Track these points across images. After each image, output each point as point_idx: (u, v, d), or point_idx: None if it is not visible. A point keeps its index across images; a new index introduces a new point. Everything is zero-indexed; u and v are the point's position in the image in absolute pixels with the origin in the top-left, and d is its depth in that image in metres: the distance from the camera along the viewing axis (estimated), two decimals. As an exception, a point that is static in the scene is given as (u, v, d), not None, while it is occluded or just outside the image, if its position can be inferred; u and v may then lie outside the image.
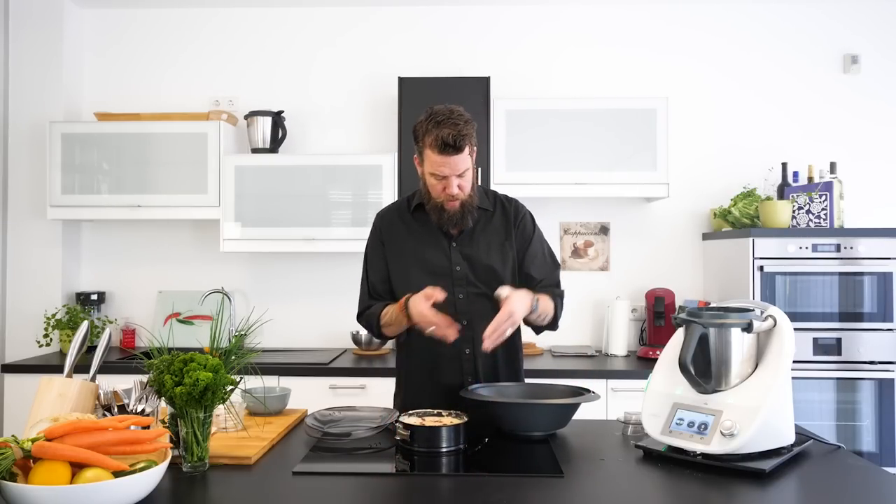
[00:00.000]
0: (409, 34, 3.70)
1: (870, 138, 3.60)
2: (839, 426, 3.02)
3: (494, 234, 2.07)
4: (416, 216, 2.09)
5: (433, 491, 1.44)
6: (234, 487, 1.43)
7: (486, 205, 2.09)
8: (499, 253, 2.05)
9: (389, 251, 2.09)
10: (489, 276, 2.02)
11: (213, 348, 1.60)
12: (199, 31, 3.74)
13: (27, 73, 3.55)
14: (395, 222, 2.11)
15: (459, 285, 2.02)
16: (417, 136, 1.97)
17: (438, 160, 1.92)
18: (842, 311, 3.02)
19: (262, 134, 3.48)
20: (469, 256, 2.04)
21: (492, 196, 2.13)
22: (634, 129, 3.29)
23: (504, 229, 2.08)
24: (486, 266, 2.03)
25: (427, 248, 2.05)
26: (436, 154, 1.91)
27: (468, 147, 1.93)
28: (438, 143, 1.89)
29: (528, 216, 2.13)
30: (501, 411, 1.81)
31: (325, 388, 3.02)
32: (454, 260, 2.03)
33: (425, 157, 1.96)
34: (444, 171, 1.93)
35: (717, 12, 3.65)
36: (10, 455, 1.20)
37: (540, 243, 2.12)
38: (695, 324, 1.61)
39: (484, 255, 2.04)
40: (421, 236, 2.07)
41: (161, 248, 3.71)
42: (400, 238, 2.09)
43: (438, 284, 1.92)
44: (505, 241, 2.07)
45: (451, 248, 2.05)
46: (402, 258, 2.07)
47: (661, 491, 1.47)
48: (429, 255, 2.05)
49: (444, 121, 1.90)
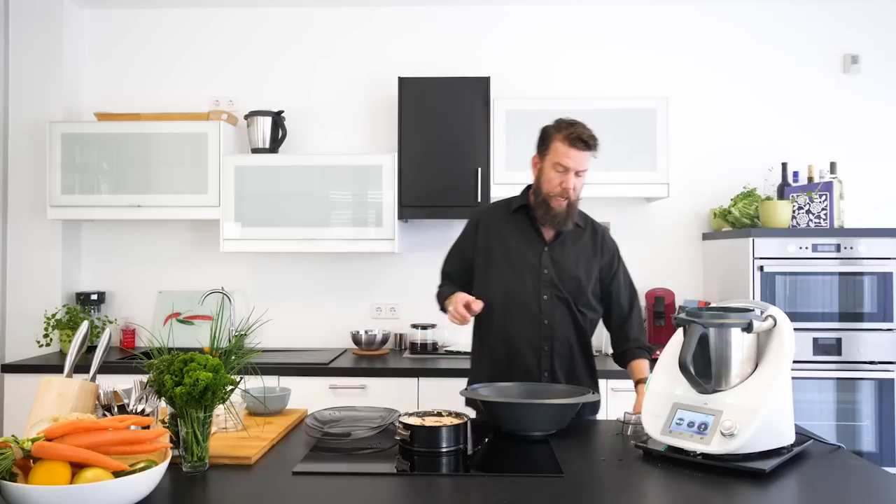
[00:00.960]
0: (409, 34, 3.70)
1: (870, 138, 3.60)
2: (839, 426, 3.02)
3: (583, 250, 2.22)
4: (516, 216, 2.24)
5: (433, 491, 1.44)
6: (234, 487, 1.44)
7: (580, 222, 2.24)
8: (585, 267, 2.20)
9: (484, 242, 2.24)
10: (573, 284, 2.17)
11: (213, 348, 1.60)
12: (199, 31, 3.74)
13: (27, 73, 3.55)
14: (495, 217, 2.27)
15: (545, 287, 2.16)
16: (547, 135, 2.15)
17: (567, 151, 2.08)
18: (842, 311, 3.02)
19: (262, 134, 3.48)
20: (558, 263, 2.18)
21: (583, 217, 2.28)
22: (634, 129, 3.29)
23: (592, 248, 2.23)
24: (572, 275, 2.17)
25: (521, 245, 2.20)
26: (566, 146, 2.09)
27: (594, 151, 2.11)
28: (572, 137, 2.08)
29: (615, 247, 2.30)
30: (501, 411, 1.82)
31: (325, 388, 3.02)
32: (544, 262, 2.17)
33: (552, 150, 2.12)
34: (569, 162, 2.09)
35: (717, 12, 3.65)
36: (10, 455, 1.20)
37: (624, 275, 2.29)
38: (695, 324, 1.61)
39: (572, 265, 2.18)
40: (517, 235, 2.22)
41: (161, 248, 3.71)
42: (497, 231, 2.24)
43: (525, 282, 2.14)
44: (592, 259, 2.22)
45: (543, 251, 2.19)
46: (495, 250, 2.22)
47: (661, 491, 1.47)
48: (522, 252, 2.19)
49: (579, 124, 2.12)
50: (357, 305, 3.66)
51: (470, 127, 3.30)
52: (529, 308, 2.14)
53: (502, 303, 2.17)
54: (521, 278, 2.16)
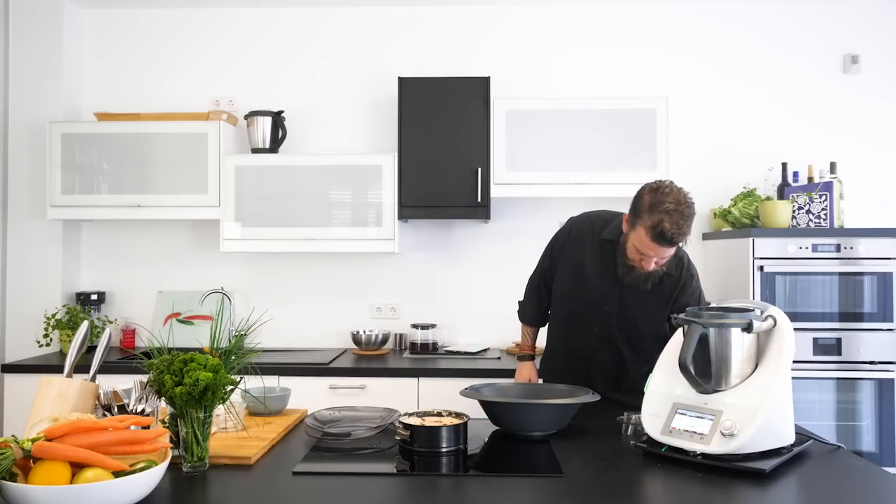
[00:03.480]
0: (409, 34, 3.70)
1: (870, 138, 3.60)
2: (839, 426, 3.02)
3: (660, 297, 2.13)
4: (603, 244, 2.18)
5: (433, 491, 1.44)
6: (234, 487, 1.43)
7: (672, 271, 2.12)
8: (652, 314, 2.14)
9: (564, 256, 2.26)
10: (631, 330, 2.16)
11: (213, 348, 1.60)
12: (199, 31, 3.74)
13: (27, 73, 3.55)
14: (583, 235, 2.23)
15: (599, 322, 2.17)
16: (639, 209, 1.95)
17: (649, 244, 1.94)
18: (842, 311, 3.02)
19: (262, 134, 3.48)
20: (625, 303, 2.14)
21: (679, 264, 2.14)
22: (634, 130, 3.29)
23: (671, 292, 2.14)
24: (631, 319, 2.15)
25: (594, 276, 2.17)
26: (648, 239, 1.93)
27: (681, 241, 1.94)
28: (656, 232, 1.90)
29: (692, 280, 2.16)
30: (501, 411, 1.82)
31: (325, 388, 3.02)
32: (610, 297, 2.15)
33: (637, 230, 1.96)
34: (650, 254, 1.97)
35: (717, 13, 3.65)
36: (10, 455, 1.20)
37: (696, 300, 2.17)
38: (695, 324, 1.61)
39: (638, 310, 2.14)
40: (597, 263, 2.17)
41: (161, 248, 3.71)
42: (578, 252, 2.22)
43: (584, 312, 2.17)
44: (665, 306, 2.13)
45: (612, 289, 2.14)
46: (571, 270, 2.22)
47: (661, 491, 1.47)
48: (592, 283, 2.17)
49: (673, 211, 1.88)
50: (357, 305, 3.66)
51: (470, 127, 3.30)
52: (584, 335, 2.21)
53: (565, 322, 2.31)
54: (579, 307, 2.21)
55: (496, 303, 3.58)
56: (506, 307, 3.44)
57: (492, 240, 3.65)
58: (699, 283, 2.21)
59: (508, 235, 3.62)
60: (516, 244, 3.60)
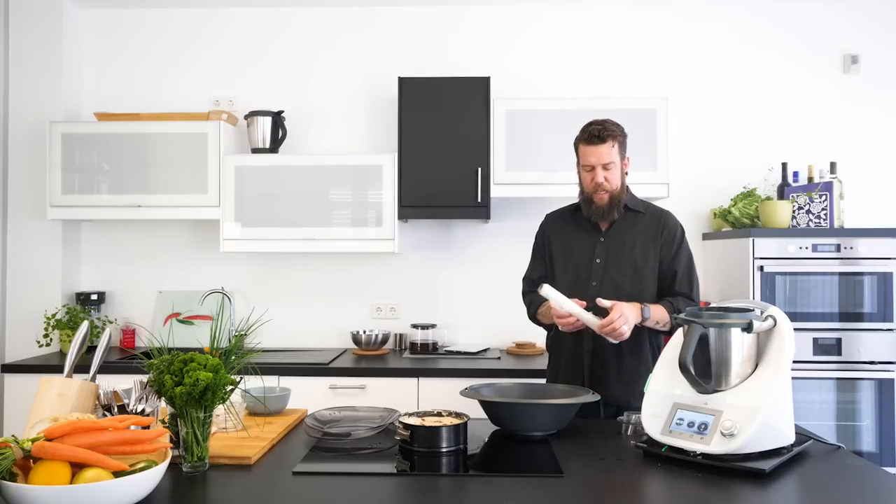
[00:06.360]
0: (408, 34, 3.70)
1: (870, 138, 3.60)
2: (839, 426, 3.02)
3: (641, 234, 2.26)
4: (576, 216, 2.36)
5: (433, 491, 1.44)
6: (234, 487, 1.43)
7: (639, 207, 2.31)
8: (642, 251, 2.24)
9: (548, 244, 2.38)
10: (630, 269, 2.23)
11: (213, 348, 1.60)
12: (199, 31, 3.74)
13: (27, 73, 3.55)
14: (558, 220, 2.42)
15: (596, 275, 2.24)
16: (575, 142, 2.28)
17: (585, 150, 2.22)
18: (842, 311, 3.02)
19: (262, 134, 3.48)
20: (613, 250, 2.25)
21: (644, 204, 2.35)
22: (634, 129, 3.24)
23: (651, 233, 2.26)
24: (628, 259, 2.23)
25: (577, 241, 2.32)
26: (584, 145, 2.22)
27: (612, 142, 2.19)
28: (585, 135, 2.21)
29: (677, 229, 2.29)
30: (501, 411, 1.82)
31: (325, 388, 3.02)
32: (598, 252, 2.26)
33: (579, 154, 2.26)
34: (591, 160, 2.20)
35: (717, 12, 3.65)
36: (10, 455, 1.20)
37: (683, 261, 2.25)
38: (695, 324, 1.61)
39: (628, 250, 2.25)
40: (575, 232, 2.34)
41: (161, 248, 3.71)
42: (558, 232, 2.39)
43: (578, 273, 2.25)
44: (650, 242, 2.25)
45: (598, 242, 2.28)
46: (556, 249, 2.36)
47: (661, 491, 1.47)
48: (577, 247, 2.30)
49: (593, 122, 2.23)
50: (357, 305, 3.66)
51: (470, 127, 3.30)
52: (581, 296, 2.15)
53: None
54: (576, 271, 2.27)
55: (496, 303, 3.59)
56: (506, 307, 3.45)
57: (492, 240, 3.65)
58: (688, 246, 2.28)
59: (508, 235, 3.62)
60: (516, 244, 3.59)
